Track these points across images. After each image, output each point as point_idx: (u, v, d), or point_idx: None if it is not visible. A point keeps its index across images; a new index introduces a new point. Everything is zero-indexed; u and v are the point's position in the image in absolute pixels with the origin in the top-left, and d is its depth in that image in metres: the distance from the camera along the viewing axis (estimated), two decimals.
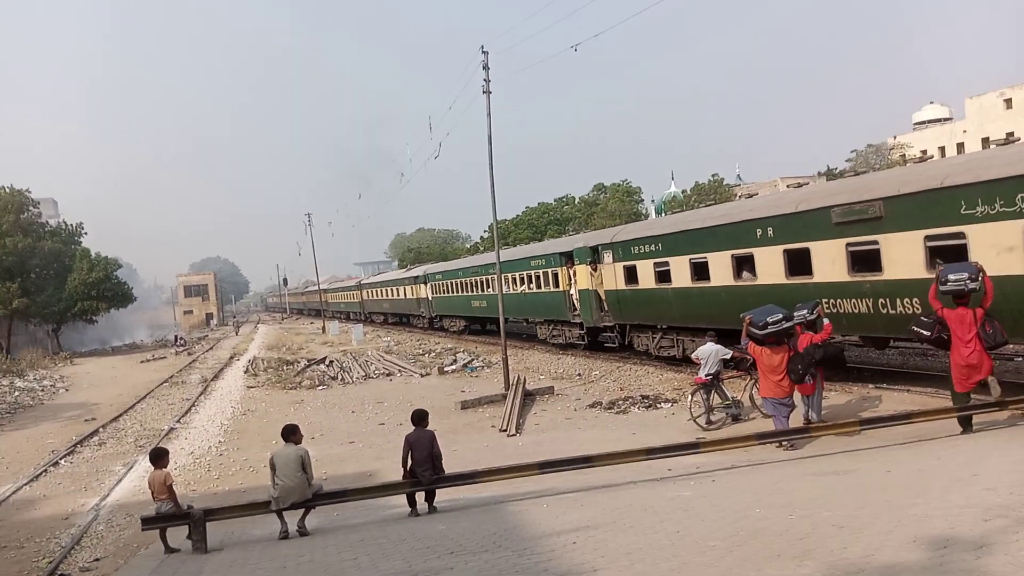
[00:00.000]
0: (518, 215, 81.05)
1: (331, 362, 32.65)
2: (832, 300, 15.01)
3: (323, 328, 59.32)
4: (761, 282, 17.21)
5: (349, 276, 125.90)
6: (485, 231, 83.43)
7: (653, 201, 79.41)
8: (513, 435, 16.13)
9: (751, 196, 32.78)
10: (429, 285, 47.24)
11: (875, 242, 14.23)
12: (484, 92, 21.78)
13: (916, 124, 77.75)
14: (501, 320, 23.43)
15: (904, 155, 62.51)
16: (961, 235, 12.57)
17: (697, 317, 19.90)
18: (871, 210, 14.26)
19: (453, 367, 28.57)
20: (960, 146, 65.08)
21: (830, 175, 49.95)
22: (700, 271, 19.43)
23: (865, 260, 14.59)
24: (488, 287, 35.60)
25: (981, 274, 10.50)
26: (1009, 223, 11.75)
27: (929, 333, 10.75)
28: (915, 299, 13.30)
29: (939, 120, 75.75)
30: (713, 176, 65.75)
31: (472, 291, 38.60)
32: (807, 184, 25.20)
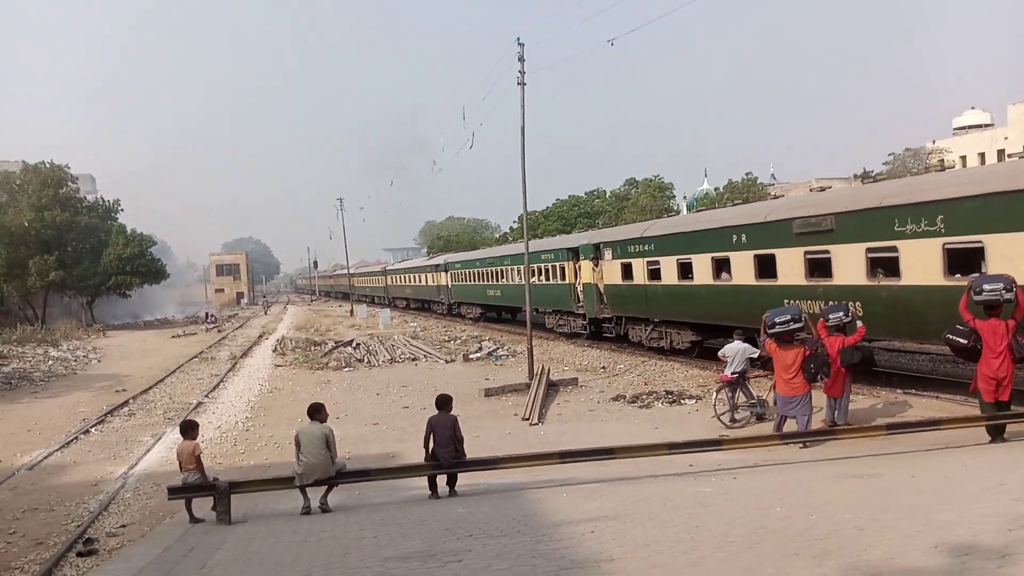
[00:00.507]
0: (548, 207, 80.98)
1: (358, 345, 32.90)
2: (792, 301, 16.33)
3: (351, 311, 59.77)
4: (736, 283, 19.23)
5: (378, 261, 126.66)
6: (515, 222, 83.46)
7: (685, 198, 78.82)
8: (535, 424, 16.18)
9: (778, 196, 32.92)
10: (449, 273, 49.30)
11: (827, 251, 16.14)
12: (519, 84, 21.78)
13: (956, 129, 76.35)
14: (528, 310, 23.52)
15: (942, 160, 61.43)
16: (895, 248, 14.33)
17: (681, 312, 22.21)
18: (824, 223, 16.23)
19: (478, 354, 28.68)
20: (1000, 153, 63.76)
21: (866, 178, 49.20)
22: (685, 271, 21.51)
23: (819, 266, 16.48)
24: (502, 278, 38.15)
25: (1015, 285, 10.38)
26: (931, 240, 13.57)
27: (966, 341, 10.52)
28: (858, 302, 15.01)
29: (980, 126, 74.32)
30: (747, 175, 65.17)
31: (488, 280, 41.07)
32: (828, 187, 25.58)
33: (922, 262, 13.72)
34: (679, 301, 21.96)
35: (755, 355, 14.51)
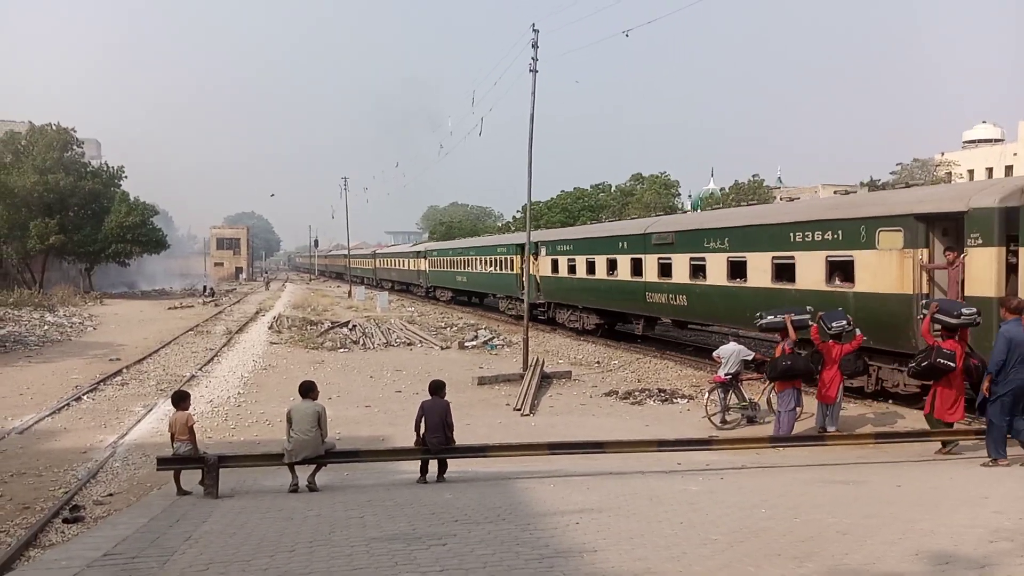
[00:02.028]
0: (552, 198, 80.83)
1: (354, 326, 32.93)
2: (651, 294, 23.12)
3: (349, 292, 59.84)
4: (620, 279, 25.33)
5: (378, 243, 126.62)
6: (518, 211, 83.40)
7: (691, 196, 78.75)
8: (527, 415, 16.22)
9: (792, 199, 34.03)
10: (427, 260, 54.85)
11: (669, 258, 22.35)
12: (531, 71, 21.65)
13: (966, 142, 76.28)
14: (527, 301, 23.51)
15: (950, 172, 61.39)
16: (703, 259, 18.90)
17: (590, 300, 28.33)
18: (668, 238, 22.49)
19: (474, 343, 28.71)
20: (1008, 169, 63.69)
21: (872, 186, 49.16)
22: (591, 268, 27.52)
23: (665, 269, 22.52)
24: (468, 266, 44.40)
25: (978, 314, 11.09)
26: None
27: (955, 365, 10.78)
28: (684, 295, 21.47)
29: (990, 140, 74.21)
30: (754, 176, 65.10)
31: (458, 268, 46.90)
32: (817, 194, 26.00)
33: (718, 269, 18.19)
34: (588, 292, 28.21)
35: (749, 357, 14.57)
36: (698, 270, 20.74)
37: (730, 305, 19.23)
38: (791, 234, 16.93)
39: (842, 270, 15.62)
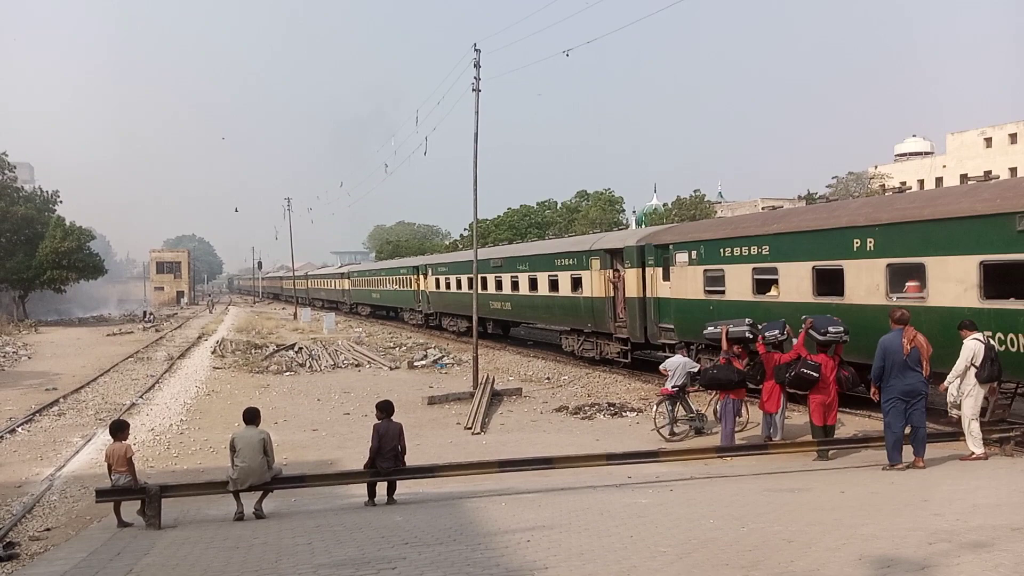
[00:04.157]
0: (499, 216, 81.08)
1: (300, 349, 32.49)
2: (505, 303, 31.51)
3: (294, 314, 59.00)
4: (468, 291, 30.99)
5: (324, 264, 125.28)
6: (465, 229, 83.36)
7: (635, 212, 79.75)
8: (478, 433, 16.16)
9: (723, 216, 35.86)
10: (349, 280, 63.73)
11: (501, 277, 31.23)
12: (474, 90, 21.79)
13: (898, 156, 78.86)
14: (475, 319, 23.44)
15: (883, 185, 63.31)
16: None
17: (459, 309, 36.35)
18: (496, 263, 31.52)
19: (423, 362, 28.55)
20: (939, 180, 66.07)
21: (809, 199, 50.43)
22: (459, 284, 35.80)
23: (499, 284, 31.53)
24: (381, 285, 53.26)
25: (845, 331, 12.02)
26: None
27: (818, 375, 11.77)
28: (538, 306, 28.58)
29: (921, 153, 76.88)
30: (695, 192, 66.22)
31: (373, 287, 55.75)
32: (780, 207, 27.06)
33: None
34: (458, 304, 36.48)
35: (695, 369, 14.76)
36: (515, 285, 29.69)
37: (533, 307, 28.99)
38: (556, 260, 26.38)
39: (577, 283, 24.69)
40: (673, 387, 14.58)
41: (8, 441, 16.60)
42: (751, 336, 13.42)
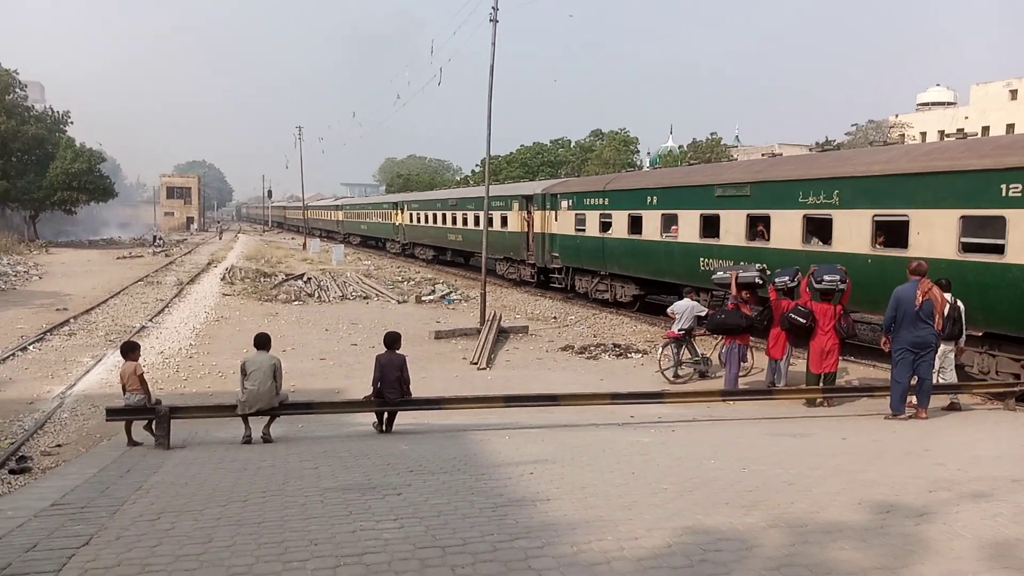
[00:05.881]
0: (512, 152, 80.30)
1: (309, 279, 32.57)
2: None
3: (304, 244, 59.05)
4: (442, 225, 40.45)
5: (333, 195, 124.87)
6: (477, 165, 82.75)
7: (649, 153, 78.87)
8: (483, 369, 16.29)
9: (735, 159, 35.81)
10: (343, 212, 69.93)
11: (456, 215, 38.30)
12: (491, 20, 21.28)
13: (920, 105, 77.38)
14: (484, 255, 23.39)
15: (903, 134, 62.33)
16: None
17: (429, 239, 43.51)
18: (451, 203, 38.68)
19: (431, 297, 28.63)
20: (960, 131, 64.84)
21: (826, 146, 49.65)
22: (427, 219, 43.02)
23: (455, 220, 38.43)
24: (368, 217, 59.89)
25: (847, 276, 12.14)
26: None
27: (805, 321, 12.00)
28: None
29: (943, 103, 75.41)
30: (711, 135, 65.28)
31: (362, 219, 62.43)
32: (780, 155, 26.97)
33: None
34: (425, 235, 43.74)
35: (703, 313, 14.76)
36: (465, 221, 37.10)
37: (478, 240, 28.21)
38: (493, 201, 27.02)
39: (504, 221, 31.42)
40: (680, 330, 14.62)
41: (19, 358, 16.83)
42: (760, 282, 13.38)
